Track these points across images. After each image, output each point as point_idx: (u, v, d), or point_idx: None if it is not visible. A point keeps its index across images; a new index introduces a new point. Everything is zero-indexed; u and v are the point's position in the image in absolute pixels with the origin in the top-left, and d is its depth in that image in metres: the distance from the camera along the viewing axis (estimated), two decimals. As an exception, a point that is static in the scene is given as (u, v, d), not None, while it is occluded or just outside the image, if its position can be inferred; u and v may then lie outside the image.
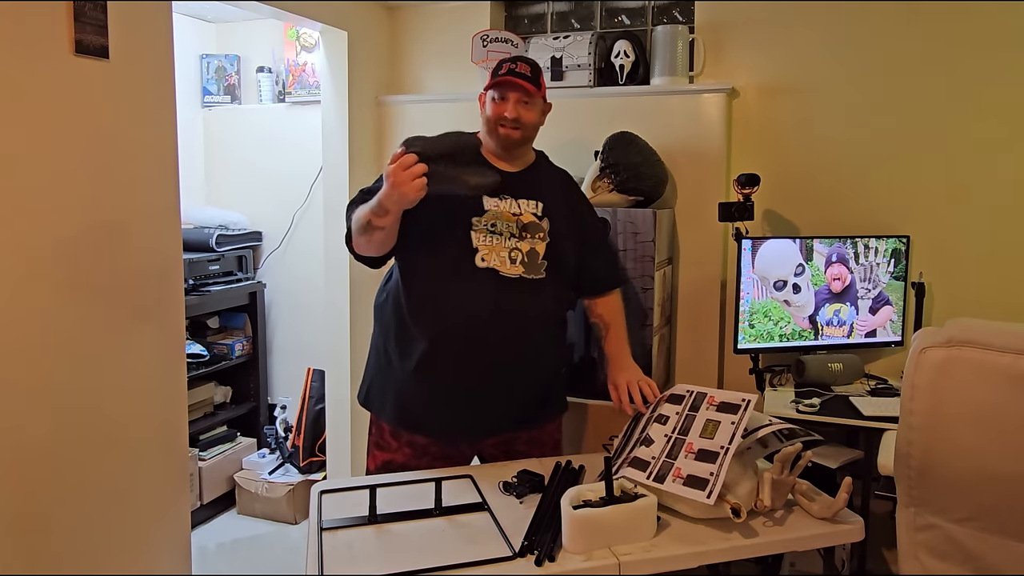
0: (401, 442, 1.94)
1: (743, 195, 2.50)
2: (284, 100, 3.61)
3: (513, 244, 1.85)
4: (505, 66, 1.88)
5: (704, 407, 1.63)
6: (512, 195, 1.89)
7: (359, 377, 2.12)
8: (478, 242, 1.83)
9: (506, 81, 1.85)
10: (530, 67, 1.89)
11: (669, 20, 2.94)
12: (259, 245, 3.68)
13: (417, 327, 1.84)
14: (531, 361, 1.89)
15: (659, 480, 1.52)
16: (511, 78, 1.85)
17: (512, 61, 1.89)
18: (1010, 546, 1.34)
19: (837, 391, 2.45)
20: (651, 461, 1.58)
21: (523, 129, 1.89)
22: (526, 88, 1.86)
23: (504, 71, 1.87)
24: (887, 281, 2.59)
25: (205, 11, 3.55)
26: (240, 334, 3.58)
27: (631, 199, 2.53)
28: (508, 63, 1.89)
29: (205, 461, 3.27)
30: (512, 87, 1.86)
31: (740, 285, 2.48)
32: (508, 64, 1.88)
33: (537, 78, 1.90)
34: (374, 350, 2.02)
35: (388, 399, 1.94)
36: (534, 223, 1.88)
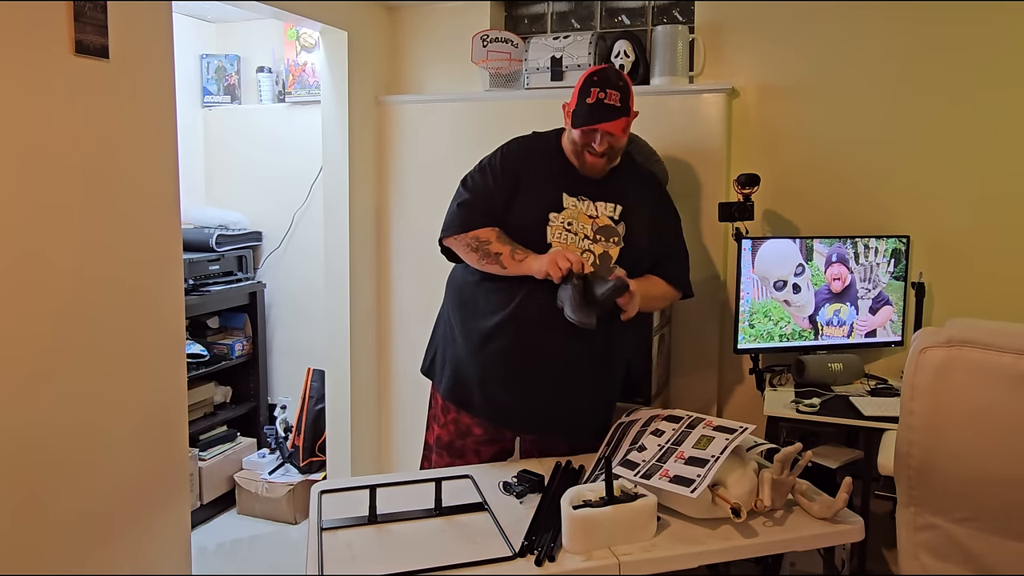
0: (448, 418, 1.97)
1: (743, 195, 2.50)
2: (284, 100, 3.61)
3: (586, 246, 1.85)
4: (594, 93, 1.78)
5: (701, 427, 1.63)
6: (591, 197, 1.88)
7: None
8: (552, 237, 1.84)
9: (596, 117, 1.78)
10: (620, 93, 1.78)
11: (669, 20, 2.94)
12: (259, 245, 3.68)
13: (484, 308, 1.87)
14: (585, 365, 1.87)
15: (646, 478, 1.52)
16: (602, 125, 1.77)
17: (601, 85, 1.78)
18: (1010, 546, 1.34)
19: (837, 391, 2.45)
20: (641, 463, 1.58)
21: (610, 157, 1.87)
22: (619, 127, 1.80)
23: (593, 100, 1.77)
24: (887, 281, 2.59)
25: (205, 11, 3.55)
26: (240, 334, 3.58)
27: (631, 199, 2.53)
28: (597, 89, 1.78)
29: (205, 461, 3.27)
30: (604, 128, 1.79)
31: (740, 285, 2.48)
32: (597, 91, 1.78)
33: (627, 104, 1.81)
34: (442, 320, 2.04)
35: (446, 371, 1.97)
36: (609, 227, 1.88)
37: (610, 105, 1.77)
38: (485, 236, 1.85)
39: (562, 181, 1.89)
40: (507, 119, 2.95)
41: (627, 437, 1.74)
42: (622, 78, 1.82)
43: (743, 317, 2.49)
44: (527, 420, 1.90)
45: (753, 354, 2.56)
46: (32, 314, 1.75)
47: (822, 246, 2.53)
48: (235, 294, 3.45)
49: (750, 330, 2.51)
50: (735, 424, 1.60)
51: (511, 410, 1.88)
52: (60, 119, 1.79)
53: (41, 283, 1.77)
